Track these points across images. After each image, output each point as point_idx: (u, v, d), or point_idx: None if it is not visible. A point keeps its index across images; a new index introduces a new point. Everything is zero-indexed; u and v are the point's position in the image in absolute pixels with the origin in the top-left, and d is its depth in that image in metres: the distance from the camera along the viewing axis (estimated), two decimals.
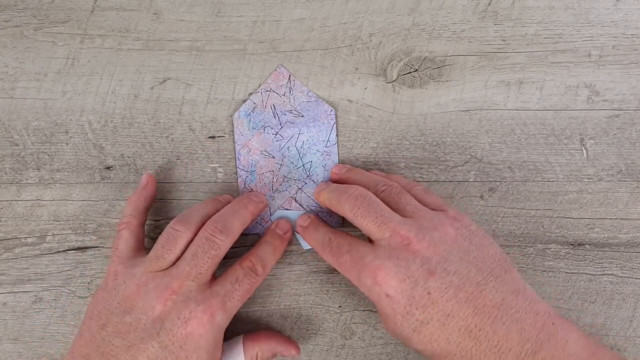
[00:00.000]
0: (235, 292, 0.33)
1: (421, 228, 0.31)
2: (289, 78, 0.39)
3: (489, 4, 0.41)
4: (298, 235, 0.39)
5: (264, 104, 0.38)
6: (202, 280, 0.32)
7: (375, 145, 0.40)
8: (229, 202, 0.37)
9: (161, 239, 0.34)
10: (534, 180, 0.40)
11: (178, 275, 0.32)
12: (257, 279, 0.34)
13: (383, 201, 0.33)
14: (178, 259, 0.33)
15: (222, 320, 0.32)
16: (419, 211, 0.32)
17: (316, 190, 0.37)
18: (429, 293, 0.29)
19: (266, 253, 0.35)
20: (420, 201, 0.34)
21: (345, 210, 0.33)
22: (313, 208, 0.39)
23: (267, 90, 0.39)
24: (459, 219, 0.32)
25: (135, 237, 0.35)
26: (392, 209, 0.33)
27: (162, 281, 0.32)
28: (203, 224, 0.34)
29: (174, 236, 0.33)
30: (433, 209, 0.34)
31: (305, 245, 0.39)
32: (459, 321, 0.28)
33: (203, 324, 0.31)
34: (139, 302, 0.31)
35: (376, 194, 0.34)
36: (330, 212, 0.39)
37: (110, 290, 0.33)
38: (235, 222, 0.34)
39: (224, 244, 0.33)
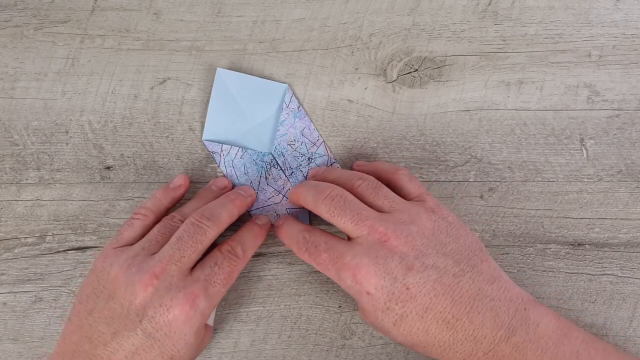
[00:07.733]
0: (216, 276, 0.32)
1: (398, 223, 0.31)
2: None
3: (489, 4, 0.41)
4: None
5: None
6: (184, 265, 0.32)
7: (375, 145, 0.40)
8: (224, 188, 0.38)
9: (156, 228, 0.34)
10: (534, 180, 0.40)
11: (161, 259, 0.31)
12: (237, 261, 0.33)
13: (360, 197, 0.33)
14: None
15: (205, 306, 0.32)
16: (396, 205, 0.32)
17: (292, 190, 0.36)
18: (407, 288, 0.29)
19: (246, 237, 0.35)
20: (402, 188, 0.34)
21: (322, 210, 0.33)
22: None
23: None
24: (436, 210, 0.33)
25: (144, 232, 0.35)
26: (369, 203, 0.33)
27: (146, 265, 0.31)
28: None
29: (171, 224, 0.34)
30: (413, 198, 0.34)
31: None
32: (437, 313, 0.29)
33: (185, 310, 0.31)
34: (122, 287, 0.31)
35: (352, 189, 0.34)
36: (303, 211, 0.39)
37: (98, 272, 0.33)
38: (223, 212, 0.34)
39: (210, 230, 0.33)
